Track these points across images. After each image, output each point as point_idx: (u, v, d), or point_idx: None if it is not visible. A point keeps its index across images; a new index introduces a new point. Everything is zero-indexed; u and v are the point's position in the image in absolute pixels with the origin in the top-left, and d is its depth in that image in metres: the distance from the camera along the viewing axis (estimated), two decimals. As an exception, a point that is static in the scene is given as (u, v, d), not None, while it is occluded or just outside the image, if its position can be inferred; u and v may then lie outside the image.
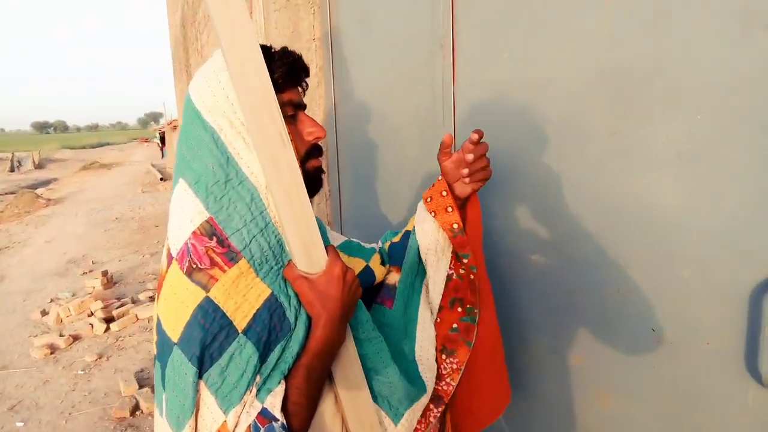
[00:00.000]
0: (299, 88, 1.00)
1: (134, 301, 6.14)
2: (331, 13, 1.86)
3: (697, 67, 0.96)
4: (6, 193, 17.02)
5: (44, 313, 5.87)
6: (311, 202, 0.96)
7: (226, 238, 0.87)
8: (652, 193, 1.04)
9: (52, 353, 4.95)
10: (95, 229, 10.74)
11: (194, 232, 0.87)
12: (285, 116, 0.93)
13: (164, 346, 0.86)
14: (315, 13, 1.95)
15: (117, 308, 5.85)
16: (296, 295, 0.93)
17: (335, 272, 0.92)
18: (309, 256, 0.92)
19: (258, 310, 0.87)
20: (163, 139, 30.92)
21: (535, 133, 1.26)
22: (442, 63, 1.50)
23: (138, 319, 5.65)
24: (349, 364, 0.97)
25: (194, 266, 0.86)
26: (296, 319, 0.92)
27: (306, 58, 2.04)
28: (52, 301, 6.37)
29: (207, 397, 0.84)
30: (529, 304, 1.34)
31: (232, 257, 0.87)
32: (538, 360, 1.33)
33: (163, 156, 30.90)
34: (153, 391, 4.09)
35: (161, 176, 20.11)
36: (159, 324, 0.88)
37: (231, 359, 0.85)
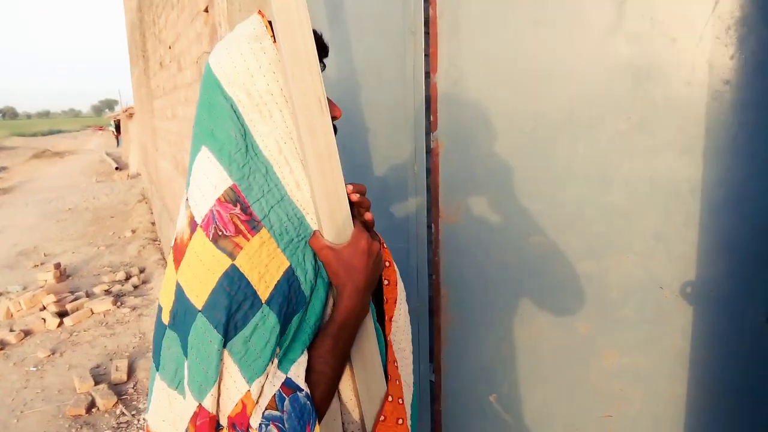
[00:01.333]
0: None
1: (89, 295, 5.95)
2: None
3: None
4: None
5: (-7, 307, 5.64)
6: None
7: (249, 206, 0.88)
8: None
9: (1, 349, 4.77)
10: (47, 220, 10.38)
11: (219, 199, 0.87)
12: None
13: (186, 313, 0.86)
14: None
15: (71, 302, 5.66)
16: (313, 269, 0.93)
17: (361, 244, 0.94)
18: (336, 226, 0.93)
19: (279, 281, 0.88)
20: (118, 127, 29.98)
21: (520, 130, 1.40)
22: (413, 51, 1.47)
23: (93, 313, 5.48)
24: (365, 336, 0.99)
25: (220, 233, 0.86)
26: (311, 292, 0.92)
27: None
28: (1, 294, 6.13)
29: (230, 366, 0.85)
30: (532, 286, 1.51)
31: (254, 225, 0.88)
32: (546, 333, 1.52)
33: (118, 144, 30.03)
34: (110, 387, 3.99)
35: (116, 165, 19.55)
36: (181, 291, 0.88)
37: (255, 329, 0.85)
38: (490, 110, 1.52)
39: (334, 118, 0.98)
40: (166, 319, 0.92)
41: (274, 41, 0.89)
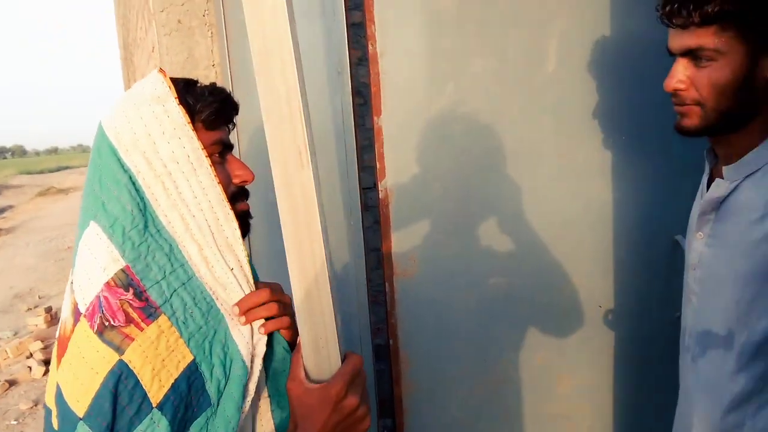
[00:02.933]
0: (227, 128, 0.92)
1: (78, 339, 5.81)
2: (228, 36, 1.68)
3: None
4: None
5: (-19, 355, 5.50)
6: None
7: (144, 290, 0.78)
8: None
9: (-14, 401, 4.63)
10: (46, 260, 10.31)
11: (107, 283, 0.76)
12: (215, 156, 0.86)
13: (65, 421, 0.74)
14: (213, 35, 1.76)
15: (59, 348, 5.52)
16: (221, 364, 0.81)
17: (331, 392, 0.78)
18: (317, 354, 0.79)
19: (177, 379, 0.76)
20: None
21: (465, 171, 1.45)
22: (341, 91, 1.34)
23: (81, 358, 5.34)
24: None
25: (107, 323, 0.75)
26: (220, 395, 0.80)
27: (205, 87, 1.86)
28: (-10, 342, 6.01)
29: None
30: (493, 327, 1.53)
31: (150, 313, 0.77)
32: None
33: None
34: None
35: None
36: (60, 394, 0.76)
37: None
38: (439, 151, 1.44)
39: (244, 182, 0.91)
40: (55, 423, 0.77)
41: (179, 102, 0.81)
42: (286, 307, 0.88)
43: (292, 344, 0.91)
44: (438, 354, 1.53)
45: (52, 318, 6.47)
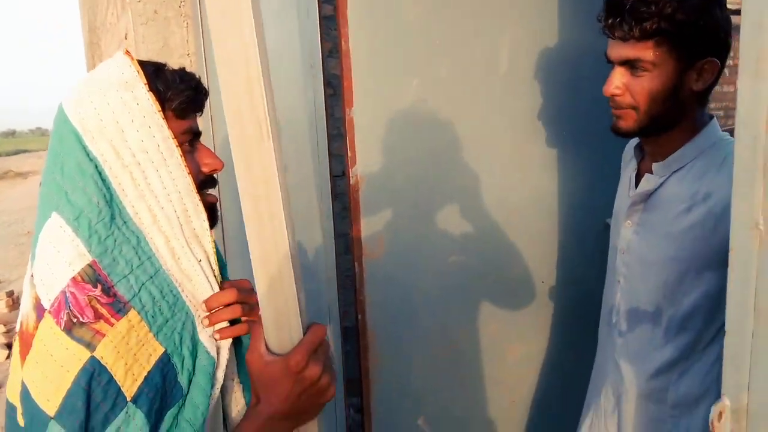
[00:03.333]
0: (197, 115, 0.89)
1: (42, 324, 5.75)
2: (203, 26, 1.74)
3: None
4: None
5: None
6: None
7: (112, 286, 0.75)
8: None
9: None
10: (4, 245, 10.08)
11: (74, 279, 0.73)
12: (185, 145, 0.83)
13: (35, 421, 0.71)
14: (188, 26, 1.82)
15: (22, 333, 5.46)
16: (191, 354, 0.80)
17: (292, 362, 0.74)
18: (278, 327, 0.76)
19: (150, 371, 0.75)
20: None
21: (430, 158, 1.58)
22: (313, 82, 1.42)
23: (45, 343, 5.30)
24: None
25: (75, 320, 0.72)
26: (189, 382, 0.80)
27: (181, 76, 1.91)
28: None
29: None
30: (453, 302, 1.68)
31: (119, 308, 0.74)
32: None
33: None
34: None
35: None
36: (27, 393, 0.72)
37: None
38: (405, 142, 1.55)
39: (214, 171, 0.89)
40: (21, 421, 0.75)
41: (149, 89, 0.77)
42: (252, 309, 0.86)
43: None
44: (402, 328, 1.65)
45: (14, 302, 6.37)
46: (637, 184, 1.24)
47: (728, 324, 0.89)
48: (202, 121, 1.94)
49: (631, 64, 1.10)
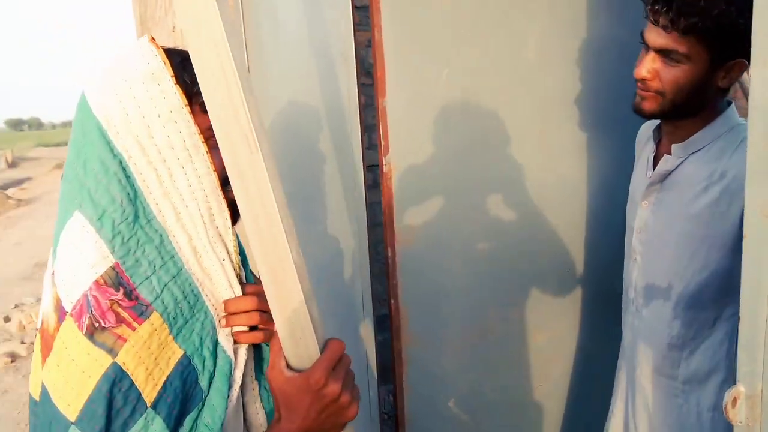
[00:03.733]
0: None
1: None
2: (244, 19, 1.81)
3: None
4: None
5: (7, 319, 5.76)
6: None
7: (134, 288, 0.73)
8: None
9: (12, 362, 4.87)
10: None
11: (96, 282, 0.71)
12: (208, 141, 0.80)
13: (54, 423, 0.71)
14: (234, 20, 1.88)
15: (81, 313, 5.75)
16: (212, 355, 0.79)
17: (311, 380, 0.74)
18: (294, 343, 0.75)
19: (169, 376, 0.74)
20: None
21: (463, 149, 1.62)
22: (347, 76, 1.47)
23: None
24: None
25: (96, 325, 0.71)
26: (209, 384, 0.79)
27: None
28: (16, 306, 6.26)
29: None
30: (480, 288, 1.72)
31: (141, 311, 0.73)
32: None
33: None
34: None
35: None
36: (46, 395, 0.72)
37: None
38: (436, 132, 1.58)
39: None
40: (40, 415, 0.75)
41: (176, 81, 0.74)
42: (269, 318, 0.82)
43: None
44: (433, 313, 1.70)
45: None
46: (654, 165, 1.29)
47: (742, 310, 0.90)
48: None
49: (666, 53, 1.13)
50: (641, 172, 1.35)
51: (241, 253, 0.89)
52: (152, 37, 0.76)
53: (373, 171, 1.59)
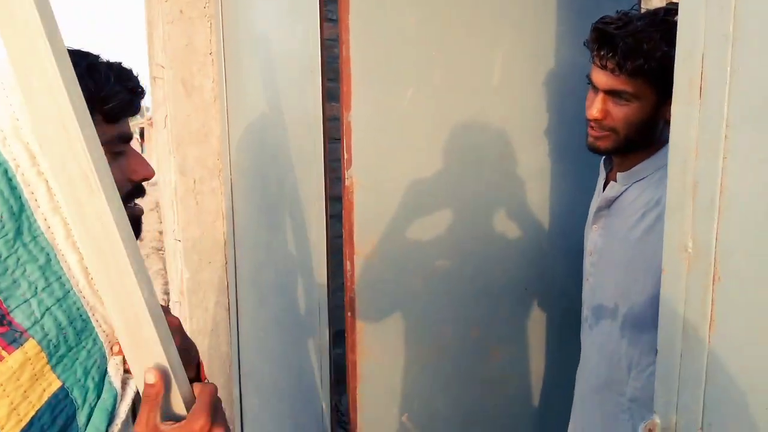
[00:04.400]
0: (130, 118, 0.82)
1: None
2: (225, 27, 1.83)
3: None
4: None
5: None
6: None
7: (7, 313, 0.65)
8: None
9: None
10: None
11: None
12: (112, 152, 0.76)
13: None
14: (212, 26, 1.92)
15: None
16: (96, 388, 0.72)
17: (194, 427, 0.69)
18: (143, 365, 0.69)
19: (38, 411, 0.66)
20: (142, 135, 30.49)
21: (424, 166, 1.65)
22: (313, 89, 1.50)
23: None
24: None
25: None
26: (88, 420, 0.71)
27: (201, 73, 2.01)
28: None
29: None
30: (437, 304, 1.74)
31: (13, 338, 0.65)
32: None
33: (142, 152, 30.30)
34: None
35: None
36: None
37: None
38: (399, 148, 1.62)
39: (144, 179, 0.83)
40: None
41: None
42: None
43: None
44: (390, 326, 1.71)
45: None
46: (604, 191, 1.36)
47: (660, 343, 0.91)
48: (204, 120, 2.05)
49: (615, 94, 1.19)
50: (596, 198, 1.42)
51: None
52: None
53: (334, 183, 1.60)
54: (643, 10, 1.28)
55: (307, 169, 1.63)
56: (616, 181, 1.31)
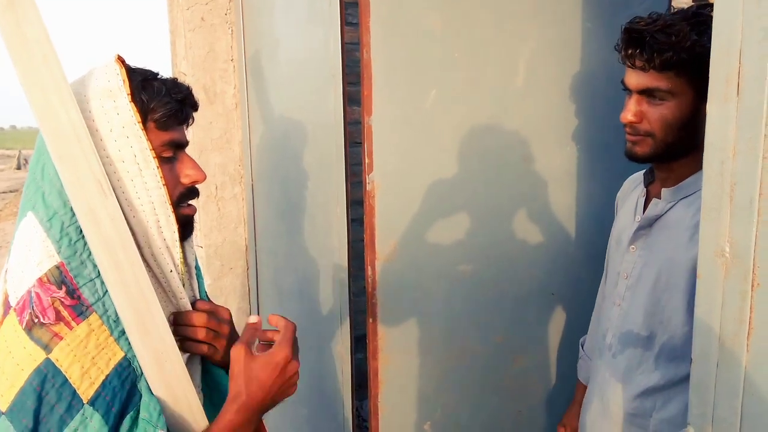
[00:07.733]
0: (183, 127, 0.91)
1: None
2: (246, 33, 1.84)
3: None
4: (9, 191, 17.02)
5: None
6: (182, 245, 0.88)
7: (77, 288, 0.77)
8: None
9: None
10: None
11: (40, 279, 0.75)
12: (161, 157, 0.85)
13: None
14: (233, 33, 1.92)
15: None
16: None
17: (277, 357, 0.84)
18: (160, 370, 0.81)
19: (108, 375, 0.77)
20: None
21: (444, 170, 1.62)
22: (334, 93, 1.48)
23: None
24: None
25: (36, 320, 0.74)
26: (149, 387, 0.82)
27: (223, 80, 2.02)
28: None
29: None
30: (460, 309, 1.71)
31: (81, 311, 0.76)
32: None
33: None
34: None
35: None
36: None
37: None
38: (420, 151, 1.60)
39: (194, 183, 0.90)
40: None
41: (131, 100, 0.80)
42: (216, 337, 0.92)
43: (224, 366, 0.95)
44: (412, 331, 1.69)
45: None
46: (645, 208, 1.23)
47: (694, 352, 0.88)
48: (226, 126, 2.05)
49: (649, 93, 1.11)
50: (628, 217, 1.30)
51: (197, 267, 0.96)
52: (119, 56, 0.83)
53: (356, 187, 1.59)
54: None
55: (328, 174, 1.62)
56: (659, 198, 1.19)
